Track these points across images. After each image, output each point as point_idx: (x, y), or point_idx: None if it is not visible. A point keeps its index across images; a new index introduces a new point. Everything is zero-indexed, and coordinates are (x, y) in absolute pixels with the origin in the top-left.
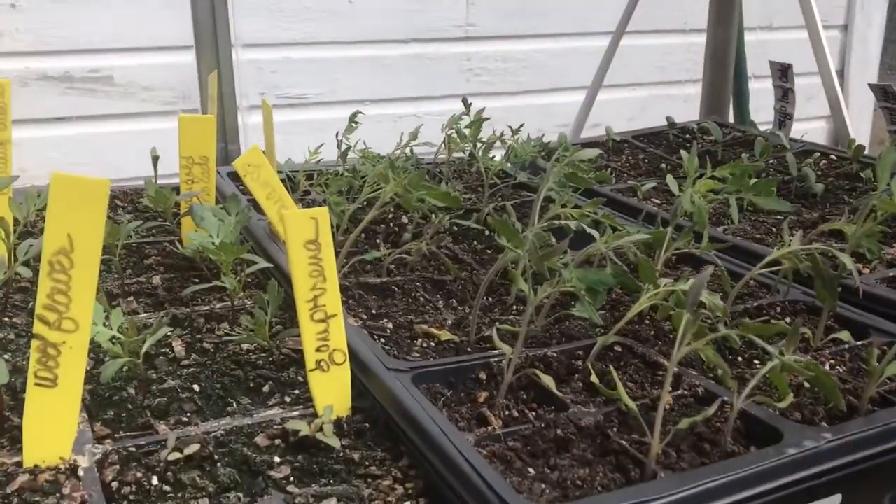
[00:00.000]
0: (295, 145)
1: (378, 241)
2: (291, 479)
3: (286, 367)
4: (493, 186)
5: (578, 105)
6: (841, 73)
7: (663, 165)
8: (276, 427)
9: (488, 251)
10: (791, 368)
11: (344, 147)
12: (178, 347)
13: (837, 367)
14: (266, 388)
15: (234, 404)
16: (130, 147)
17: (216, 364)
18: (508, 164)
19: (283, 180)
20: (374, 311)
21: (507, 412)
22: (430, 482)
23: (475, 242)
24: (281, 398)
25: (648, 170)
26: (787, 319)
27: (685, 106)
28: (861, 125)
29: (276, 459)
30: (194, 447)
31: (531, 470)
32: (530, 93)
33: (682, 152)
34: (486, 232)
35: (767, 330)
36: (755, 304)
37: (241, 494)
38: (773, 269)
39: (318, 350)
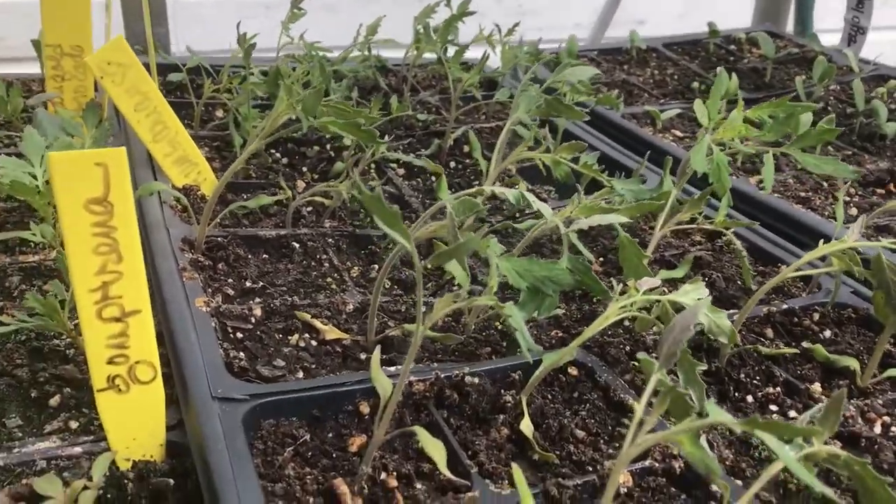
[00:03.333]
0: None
1: (304, 169)
2: None
3: None
4: (471, 102)
5: None
6: None
7: (696, 84)
8: (27, 480)
9: (451, 190)
10: (822, 461)
11: (284, 40)
12: None
13: (894, 428)
14: (55, 400)
15: None
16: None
17: (0, 352)
18: (498, 72)
19: (191, 79)
20: (247, 285)
21: (376, 485)
22: None
23: (433, 177)
24: (68, 418)
25: (676, 90)
26: (827, 333)
27: (739, 6)
28: None
29: None
30: None
31: None
32: None
33: (720, 69)
34: (452, 164)
35: (782, 431)
36: (784, 308)
37: None
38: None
39: (110, 362)
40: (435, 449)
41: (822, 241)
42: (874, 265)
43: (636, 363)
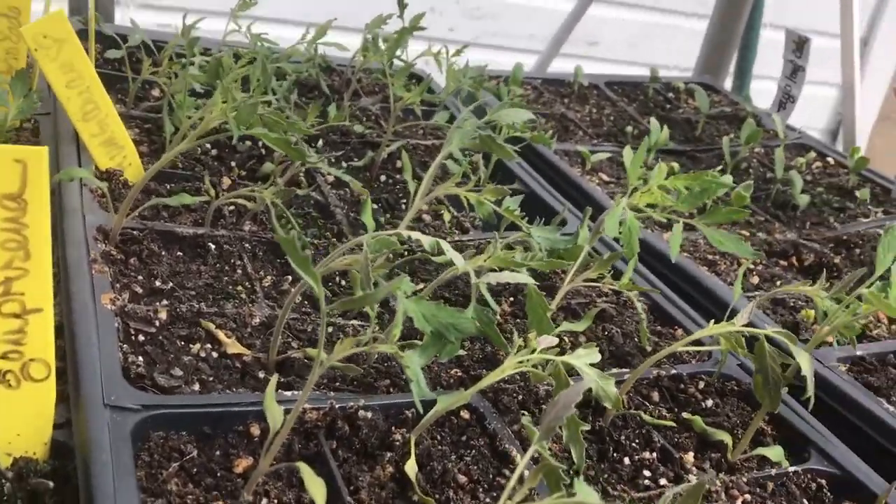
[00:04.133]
0: None
1: (233, 164)
2: None
3: None
4: (412, 116)
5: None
6: (865, 42)
7: (629, 129)
8: None
9: (376, 205)
10: None
11: (231, 28)
12: None
13: None
14: None
15: None
16: None
17: None
18: (439, 97)
19: (131, 53)
20: (157, 284)
21: None
22: None
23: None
24: None
25: (611, 131)
26: (709, 403)
27: (689, 43)
28: (872, 98)
29: None
30: None
31: None
32: None
33: (652, 120)
34: (383, 178)
35: None
36: (672, 373)
37: None
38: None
39: (3, 356)
40: (315, 487)
41: (718, 310)
42: (757, 350)
43: (525, 413)
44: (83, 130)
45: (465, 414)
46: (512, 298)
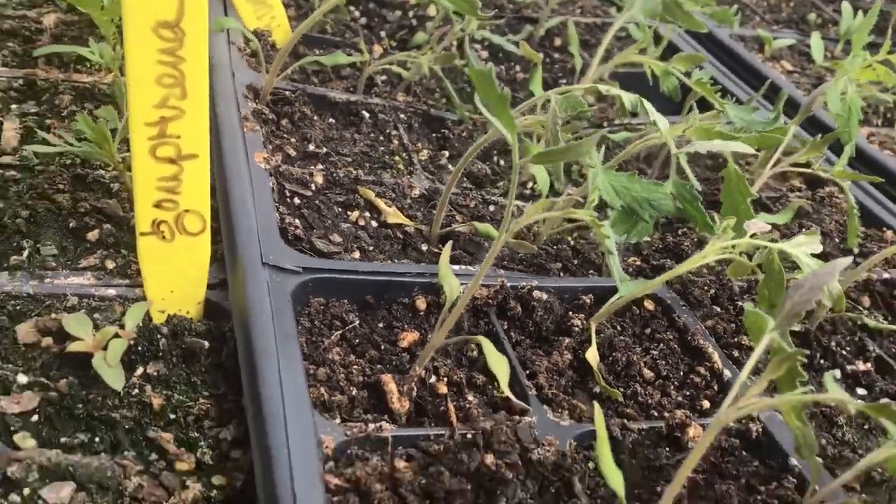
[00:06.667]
0: None
1: (382, 34)
2: (32, 420)
3: None
4: None
5: None
6: None
7: (812, 16)
8: (57, 315)
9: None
10: None
11: None
12: (10, 133)
13: None
14: (93, 235)
15: (29, 251)
16: None
17: (42, 173)
18: None
19: None
20: (311, 148)
21: (425, 388)
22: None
23: (517, 67)
24: (105, 257)
25: (790, 17)
26: None
27: None
28: None
29: (21, 379)
30: None
31: None
32: None
33: (844, 4)
34: (540, 56)
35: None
36: (885, 277)
37: None
38: None
39: (158, 205)
40: (499, 364)
41: None
42: None
43: (718, 309)
44: None
45: (649, 304)
46: None
